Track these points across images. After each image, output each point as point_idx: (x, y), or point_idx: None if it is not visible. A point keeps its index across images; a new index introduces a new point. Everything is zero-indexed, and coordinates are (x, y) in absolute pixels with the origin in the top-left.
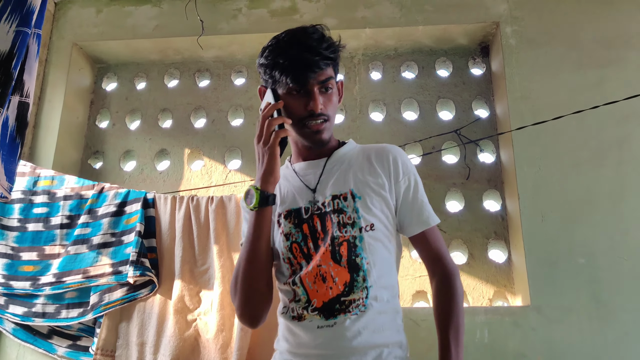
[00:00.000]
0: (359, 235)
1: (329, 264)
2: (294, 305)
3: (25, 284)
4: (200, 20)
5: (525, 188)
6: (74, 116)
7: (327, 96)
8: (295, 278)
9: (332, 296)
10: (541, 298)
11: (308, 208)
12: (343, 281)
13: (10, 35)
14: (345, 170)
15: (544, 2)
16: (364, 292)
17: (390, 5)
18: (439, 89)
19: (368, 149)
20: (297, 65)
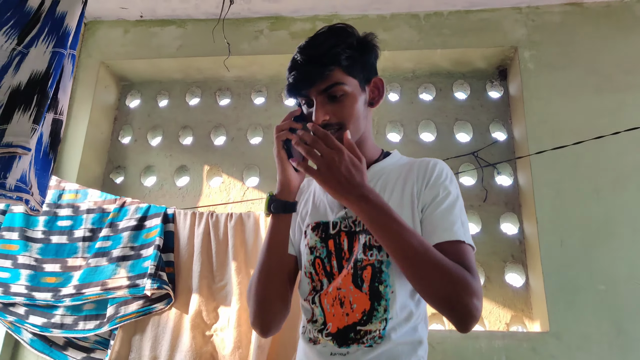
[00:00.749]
0: (385, 260)
1: (349, 288)
2: (311, 327)
3: (47, 295)
4: (227, 43)
5: (543, 212)
6: (98, 132)
7: (338, 103)
8: (315, 297)
9: (348, 323)
10: (560, 324)
11: (337, 223)
12: (362, 309)
13: (47, 55)
14: (381, 187)
15: (562, 27)
16: (382, 323)
17: (409, 29)
18: (457, 111)
19: (411, 163)
20: (294, 79)
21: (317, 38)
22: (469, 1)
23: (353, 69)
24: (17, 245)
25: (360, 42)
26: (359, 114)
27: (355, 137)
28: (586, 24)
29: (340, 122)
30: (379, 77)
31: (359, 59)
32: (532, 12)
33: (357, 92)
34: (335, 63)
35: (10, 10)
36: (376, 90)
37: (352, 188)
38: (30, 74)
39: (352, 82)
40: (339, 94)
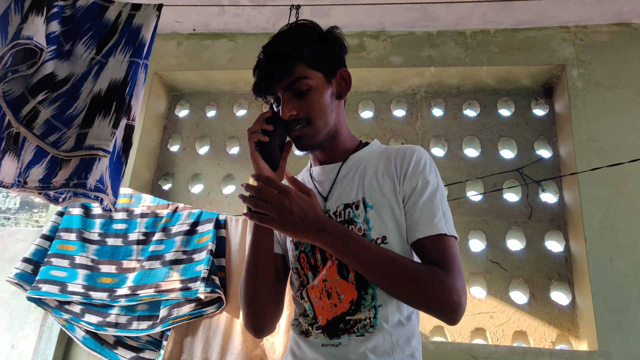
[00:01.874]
0: None
1: (335, 279)
2: (302, 320)
3: (103, 294)
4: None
5: (592, 230)
6: (149, 139)
7: (303, 98)
8: (303, 291)
9: (337, 314)
10: (610, 344)
11: None
12: (349, 299)
13: (125, 65)
14: (360, 176)
15: (610, 46)
16: (371, 311)
17: (456, 46)
18: (501, 127)
19: (389, 150)
20: (258, 77)
21: (278, 35)
22: (516, 19)
23: (316, 63)
24: (74, 245)
25: (323, 35)
26: (326, 107)
27: (325, 131)
28: (634, 44)
29: (307, 117)
30: (344, 69)
31: (322, 53)
32: (580, 31)
33: (323, 85)
34: (296, 58)
35: (89, 21)
36: (343, 83)
37: (308, 225)
38: (110, 81)
39: (316, 75)
40: (303, 88)
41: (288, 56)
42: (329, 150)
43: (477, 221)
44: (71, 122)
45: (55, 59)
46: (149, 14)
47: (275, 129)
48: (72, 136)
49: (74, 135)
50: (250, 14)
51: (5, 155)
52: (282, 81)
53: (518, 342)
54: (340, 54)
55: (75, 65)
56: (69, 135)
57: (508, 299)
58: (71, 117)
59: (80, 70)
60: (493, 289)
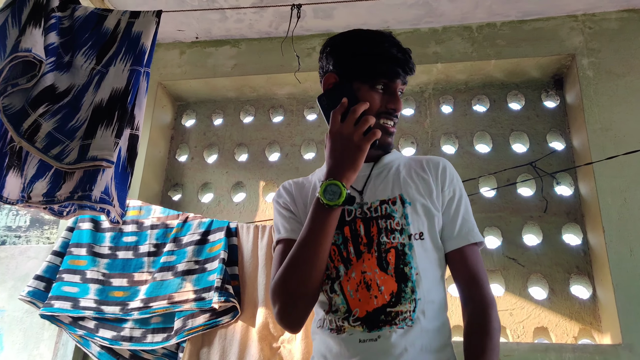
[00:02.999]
0: (408, 243)
1: (374, 271)
2: (332, 317)
3: (116, 308)
4: (297, 56)
5: (610, 221)
6: (156, 150)
7: (400, 98)
8: (335, 285)
9: (377, 306)
10: (634, 336)
11: (352, 210)
12: (389, 290)
13: (126, 73)
14: (394, 176)
15: (621, 33)
16: (412, 304)
17: (462, 41)
18: (512, 121)
19: (418, 157)
20: (395, 61)
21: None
22: (522, 11)
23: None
24: (85, 260)
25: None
26: None
27: None
28: None
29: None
30: None
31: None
32: (588, 20)
33: None
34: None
35: (88, 31)
36: None
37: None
38: (111, 91)
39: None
40: (402, 91)
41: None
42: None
43: (491, 217)
44: (73, 133)
45: (55, 71)
46: (148, 21)
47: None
48: (75, 148)
49: (77, 147)
50: (252, 19)
51: (10, 172)
52: (407, 76)
53: (539, 339)
54: None
55: (75, 76)
56: (72, 148)
57: (527, 295)
58: (73, 129)
59: (80, 81)
60: (511, 286)
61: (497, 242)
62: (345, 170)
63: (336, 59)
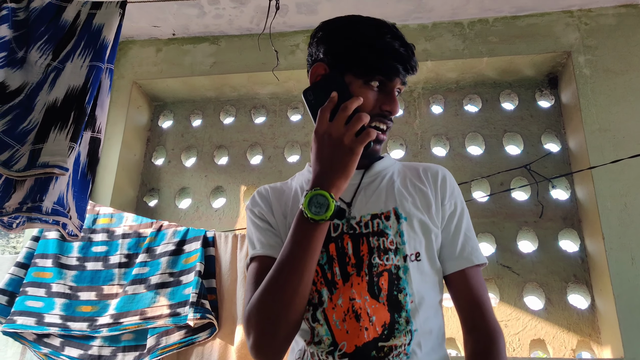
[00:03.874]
0: (402, 265)
1: (365, 298)
2: (314, 349)
3: (83, 325)
4: (275, 51)
5: (610, 227)
6: (131, 153)
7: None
8: (318, 313)
9: (368, 339)
10: (637, 349)
11: (338, 225)
12: (382, 322)
13: (84, 70)
14: (388, 186)
15: (619, 29)
16: (407, 336)
17: (453, 38)
18: (505, 122)
19: (414, 165)
20: (396, 56)
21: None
22: (515, 6)
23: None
24: (51, 272)
25: None
26: None
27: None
28: None
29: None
30: None
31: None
32: (584, 15)
33: None
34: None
35: (44, 24)
36: None
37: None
38: (67, 89)
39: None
40: (400, 91)
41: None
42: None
43: (484, 223)
44: (25, 137)
45: (6, 67)
46: (110, 12)
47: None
48: (25, 153)
49: (28, 152)
50: (232, 14)
51: None
52: (407, 75)
53: (536, 352)
54: None
55: (29, 73)
56: (22, 153)
57: (523, 305)
58: (25, 132)
59: (34, 78)
60: (506, 295)
61: (490, 249)
62: (334, 178)
63: (328, 47)
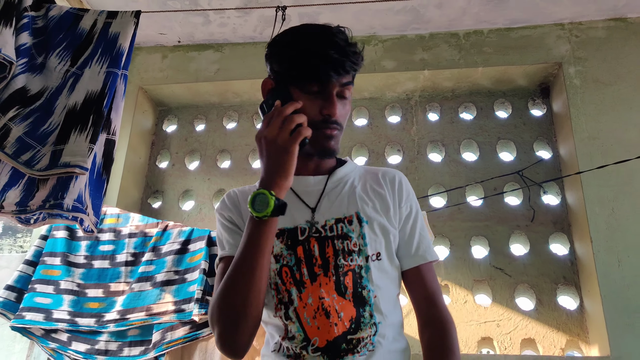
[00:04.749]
0: (365, 265)
1: (332, 296)
2: (289, 344)
3: (91, 320)
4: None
5: (598, 231)
6: (136, 157)
7: (343, 103)
8: (289, 311)
9: (338, 334)
10: (622, 348)
11: (305, 229)
12: (349, 317)
13: (102, 76)
14: (350, 191)
15: (607, 42)
16: (372, 328)
17: (449, 48)
18: (499, 130)
19: (374, 169)
20: (323, 62)
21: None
22: (509, 19)
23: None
24: (59, 270)
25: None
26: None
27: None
28: (631, 39)
29: (341, 125)
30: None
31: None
32: (575, 28)
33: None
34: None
35: (63, 32)
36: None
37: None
38: (86, 94)
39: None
40: (347, 95)
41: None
42: (318, 162)
43: (478, 227)
44: (45, 138)
45: (26, 73)
46: (126, 21)
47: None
48: (46, 154)
49: (49, 153)
50: (236, 23)
51: None
52: (346, 77)
53: (526, 350)
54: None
55: (48, 78)
56: (43, 153)
57: (514, 305)
58: (45, 134)
59: (54, 83)
60: (498, 296)
61: (484, 251)
62: (274, 178)
63: (272, 63)
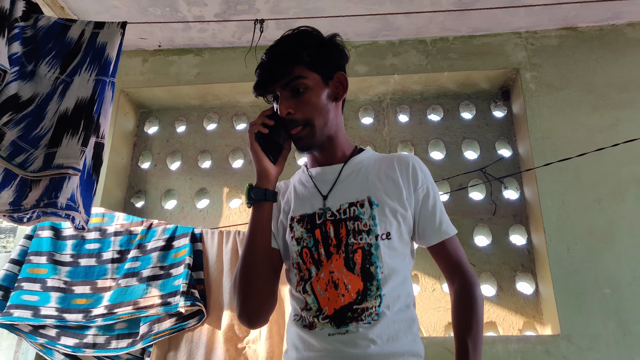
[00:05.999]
0: (374, 243)
1: (342, 271)
2: (306, 314)
3: (78, 316)
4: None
5: (550, 222)
6: (119, 158)
7: (300, 97)
8: (306, 285)
9: (344, 304)
10: (571, 327)
11: (321, 214)
12: (356, 289)
13: (91, 83)
14: (363, 178)
15: (559, 49)
16: (377, 300)
17: (417, 54)
18: (464, 130)
19: (389, 157)
20: (259, 76)
21: (281, 39)
22: (472, 27)
23: (314, 65)
24: (45, 269)
25: (323, 41)
26: (322, 107)
27: (324, 131)
28: (581, 47)
29: (307, 119)
30: (342, 72)
31: (321, 56)
32: (530, 37)
33: (319, 86)
34: (295, 59)
35: (51, 41)
36: (340, 85)
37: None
38: (76, 100)
39: (313, 76)
40: (300, 87)
41: (288, 57)
42: (329, 152)
43: None
44: (38, 142)
45: (18, 80)
46: (112, 31)
47: (275, 126)
48: (39, 156)
49: (42, 155)
50: (215, 29)
51: None
52: (280, 80)
53: (488, 332)
54: (340, 59)
55: (39, 85)
56: (36, 156)
57: None
58: (38, 137)
59: (44, 90)
60: None
61: None
62: (257, 173)
63: None
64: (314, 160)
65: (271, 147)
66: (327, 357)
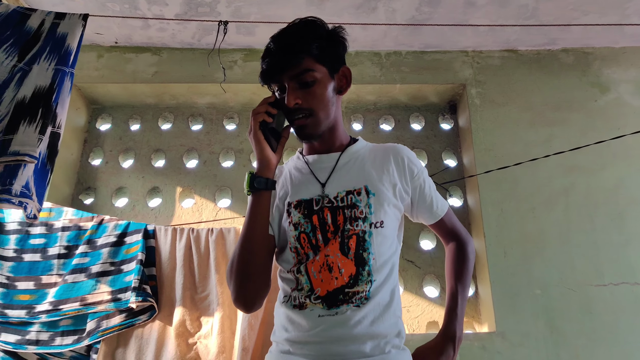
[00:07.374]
0: (368, 230)
1: (336, 255)
2: (296, 294)
3: (21, 312)
4: (223, 68)
5: (490, 228)
6: (68, 153)
7: (308, 90)
8: (301, 267)
9: (337, 286)
10: (505, 325)
11: (319, 200)
12: (348, 273)
13: (50, 72)
14: (360, 166)
15: (502, 69)
16: (368, 285)
17: (372, 65)
18: (413, 140)
19: (383, 147)
20: (268, 65)
21: (289, 28)
22: (424, 43)
23: (322, 58)
24: None
25: (330, 33)
26: (328, 100)
27: (326, 122)
28: (521, 68)
29: (311, 108)
30: (346, 66)
31: (328, 49)
32: (476, 56)
33: (326, 79)
34: (305, 51)
35: (10, 29)
36: (344, 79)
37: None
38: (34, 88)
39: (321, 69)
40: (309, 80)
41: (298, 49)
42: (328, 141)
43: None
44: None
45: None
46: (74, 23)
47: (276, 114)
48: None
49: None
50: (175, 29)
51: None
52: (289, 71)
53: (431, 331)
54: (343, 53)
55: None
56: None
57: (422, 293)
58: None
59: (1, 77)
60: (409, 285)
61: None
62: (257, 162)
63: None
64: (310, 148)
65: (271, 135)
66: (316, 336)
